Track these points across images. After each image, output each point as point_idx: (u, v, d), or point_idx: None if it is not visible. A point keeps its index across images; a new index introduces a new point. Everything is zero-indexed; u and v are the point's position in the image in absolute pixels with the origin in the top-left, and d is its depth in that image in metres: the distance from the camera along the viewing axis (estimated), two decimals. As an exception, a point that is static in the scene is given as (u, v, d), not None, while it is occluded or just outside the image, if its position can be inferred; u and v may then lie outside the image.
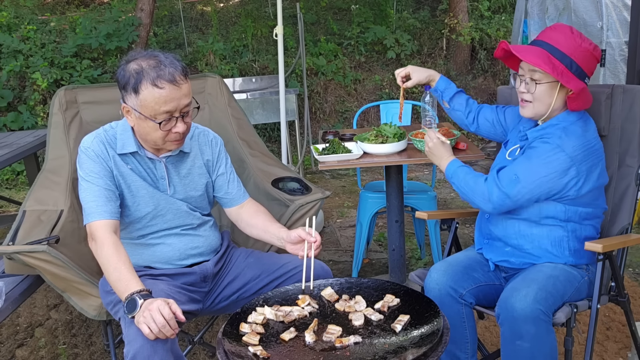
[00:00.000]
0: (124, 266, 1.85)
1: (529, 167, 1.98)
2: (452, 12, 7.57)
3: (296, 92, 5.65)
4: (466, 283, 2.07)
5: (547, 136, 2.01)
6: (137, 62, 1.91)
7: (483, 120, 2.39)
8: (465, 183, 2.09)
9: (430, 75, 2.43)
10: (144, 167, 2.09)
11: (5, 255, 2.09)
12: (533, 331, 1.87)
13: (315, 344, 1.62)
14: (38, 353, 2.94)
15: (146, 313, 1.70)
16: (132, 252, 2.11)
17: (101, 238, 1.91)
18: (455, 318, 2.06)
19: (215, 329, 2.77)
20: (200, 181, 2.18)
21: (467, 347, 2.09)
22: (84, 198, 2.00)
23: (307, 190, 2.54)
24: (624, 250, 2.20)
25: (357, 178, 3.92)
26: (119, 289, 1.83)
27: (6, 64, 6.20)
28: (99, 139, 2.05)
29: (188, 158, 2.15)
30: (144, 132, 1.98)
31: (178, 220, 2.14)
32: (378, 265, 3.72)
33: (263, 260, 2.24)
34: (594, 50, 2.00)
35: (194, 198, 2.17)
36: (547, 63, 1.94)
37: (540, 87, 1.99)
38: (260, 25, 7.68)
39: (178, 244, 2.15)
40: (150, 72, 1.87)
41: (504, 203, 2.00)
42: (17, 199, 5.14)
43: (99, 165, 2.00)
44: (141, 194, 2.07)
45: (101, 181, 1.99)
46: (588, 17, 4.76)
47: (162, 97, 1.87)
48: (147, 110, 1.90)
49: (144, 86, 1.87)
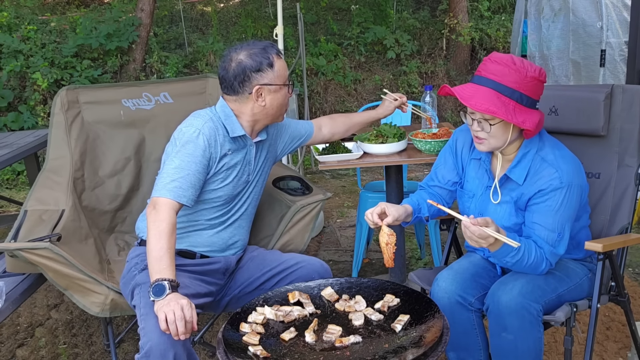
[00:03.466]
0: (170, 250, 1.88)
1: (561, 219, 1.93)
2: (452, 12, 7.57)
3: (296, 92, 5.65)
4: (474, 290, 2.07)
5: (545, 178, 1.94)
6: (252, 48, 2.10)
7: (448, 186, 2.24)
8: (522, 266, 1.94)
9: (405, 207, 2.11)
10: (240, 152, 2.16)
11: (8, 252, 2.09)
12: (517, 324, 1.89)
13: (315, 344, 1.62)
14: (38, 353, 2.94)
15: (171, 305, 1.73)
16: (179, 233, 2.12)
17: (164, 213, 1.93)
18: (466, 326, 2.06)
19: (215, 329, 2.77)
20: (269, 164, 2.34)
21: (480, 353, 2.10)
22: (170, 172, 1.99)
23: (308, 191, 2.54)
24: (623, 250, 2.20)
25: (357, 178, 3.92)
26: (154, 268, 1.84)
27: (6, 64, 6.20)
28: (211, 122, 2.10)
29: (265, 142, 2.28)
30: (277, 104, 2.15)
31: (241, 211, 2.23)
32: (378, 265, 3.72)
33: (265, 257, 2.28)
34: (539, 76, 1.90)
35: (262, 184, 2.31)
36: (498, 106, 1.85)
37: (494, 127, 1.92)
38: (260, 25, 7.69)
39: (224, 233, 2.21)
40: (269, 50, 2.11)
41: (558, 257, 2.00)
42: (18, 199, 5.14)
43: (201, 150, 2.03)
44: (228, 182, 2.14)
45: (195, 167, 2.02)
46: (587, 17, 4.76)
47: (284, 65, 2.16)
48: (281, 79, 2.13)
49: (275, 59, 2.11)
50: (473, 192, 2.14)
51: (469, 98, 1.88)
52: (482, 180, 2.11)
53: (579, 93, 2.33)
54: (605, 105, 2.22)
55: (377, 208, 2.00)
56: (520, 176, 1.99)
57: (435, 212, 2.22)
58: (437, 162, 2.29)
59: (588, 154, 2.25)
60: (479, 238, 1.76)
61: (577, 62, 4.95)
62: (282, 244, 2.41)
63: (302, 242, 2.41)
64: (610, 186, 2.24)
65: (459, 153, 2.19)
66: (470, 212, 2.14)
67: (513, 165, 2.01)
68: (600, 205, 2.25)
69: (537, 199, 1.95)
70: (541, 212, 1.94)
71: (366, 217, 2.00)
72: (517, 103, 1.88)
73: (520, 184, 1.99)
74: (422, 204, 2.18)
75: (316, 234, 4.29)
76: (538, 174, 1.96)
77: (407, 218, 2.09)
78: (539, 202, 1.95)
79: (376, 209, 1.99)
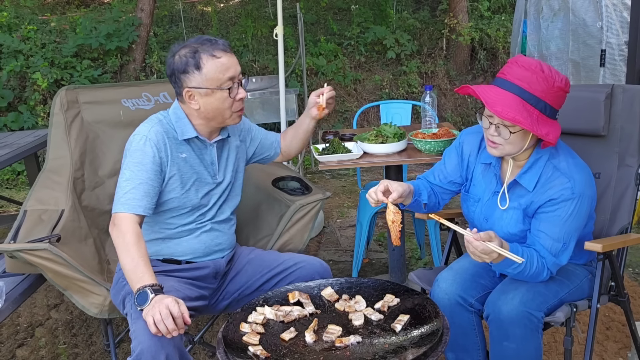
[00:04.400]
0: (142, 258, 1.86)
1: (569, 229, 1.90)
2: (452, 12, 7.57)
3: (296, 92, 5.66)
4: (474, 291, 2.06)
5: (557, 187, 1.89)
6: (188, 47, 1.99)
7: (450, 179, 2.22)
8: (522, 276, 1.92)
9: (408, 185, 2.08)
10: (197, 154, 2.10)
11: (7, 253, 2.09)
12: (519, 333, 1.89)
13: (315, 343, 1.62)
14: (38, 353, 2.94)
15: (156, 307, 1.71)
16: (158, 241, 2.12)
17: (125, 227, 1.91)
18: (466, 326, 2.06)
19: (215, 329, 2.77)
20: (241, 164, 2.25)
21: (479, 354, 2.10)
22: (122, 186, 1.98)
23: (307, 190, 2.54)
24: (623, 250, 2.20)
25: (357, 178, 3.92)
26: (132, 279, 1.83)
27: (6, 64, 6.20)
28: (158, 126, 2.05)
29: (228, 141, 2.19)
30: (212, 108, 2.01)
31: (212, 213, 2.15)
32: (378, 265, 3.72)
33: (264, 257, 2.26)
34: (565, 86, 1.85)
35: (237, 184, 2.23)
36: (524, 116, 1.79)
37: (514, 135, 1.86)
38: (260, 25, 7.68)
39: (205, 238, 2.15)
40: (205, 48, 1.98)
41: (559, 267, 1.97)
42: (18, 199, 5.14)
43: (149, 157, 1.99)
44: (188, 185, 2.08)
45: (145, 175, 1.98)
46: (587, 17, 4.76)
47: (223, 65, 1.98)
48: (214, 82, 1.98)
49: (205, 60, 1.97)
50: (479, 197, 2.10)
51: (494, 104, 1.81)
52: (490, 185, 2.06)
53: (579, 93, 2.33)
54: (606, 105, 2.22)
55: (380, 186, 1.95)
56: (530, 183, 1.94)
57: (431, 206, 2.19)
58: (441, 161, 2.24)
59: (588, 154, 2.24)
60: (482, 253, 1.74)
61: (576, 62, 4.95)
62: (281, 243, 2.41)
63: (301, 242, 2.41)
64: (610, 186, 2.24)
65: (466, 156, 2.14)
66: (475, 216, 2.11)
67: (524, 171, 1.96)
68: (600, 205, 2.25)
69: (546, 208, 1.91)
70: (549, 221, 1.90)
71: (369, 196, 1.96)
72: (541, 113, 1.83)
73: (530, 190, 1.94)
74: (422, 190, 2.14)
75: (316, 234, 4.29)
76: (550, 183, 1.91)
77: (409, 196, 2.04)
78: (549, 211, 1.90)
79: (379, 187, 1.95)
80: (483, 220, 2.09)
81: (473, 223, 2.16)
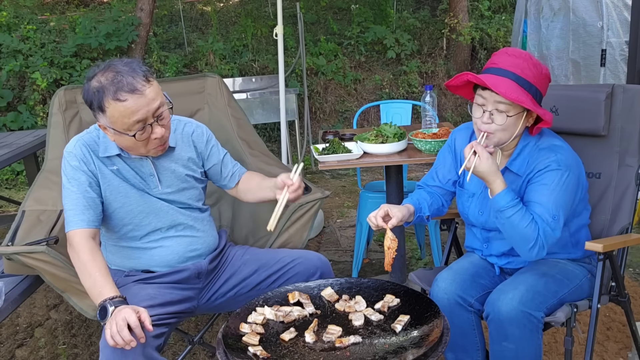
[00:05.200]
0: (98, 272, 1.84)
1: (557, 200, 1.90)
2: (452, 11, 7.56)
3: (296, 92, 5.65)
4: (474, 291, 2.06)
5: (543, 160, 1.94)
6: (96, 79, 1.86)
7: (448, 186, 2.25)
8: (514, 229, 1.90)
9: (407, 207, 2.09)
10: (130, 167, 2.05)
11: (5, 255, 2.08)
12: (518, 333, 1.89)
13: (315, 344, 1.62)
14: (38, 353, 2.94)
15: (113, 320, 1.69)
16: (129, 256, 2.11)
17: (77, 245, 1.91)
18: (465, 326, 2.06)
19: (215, 329, 2.77)
20: (189, 174, 2.15)
21: (478, 354, 2.09)
22: (64, 205, 1.99)
23: (306, 190, 2.53)
24: (624, 250, 2.19)
25: (357, 178, 3.92)
26: (93, 295, 1.83)
27: (6, 64, 6.20)
28: (81, 142, 2.02)
29: (174, 152, 2.12)
30: (126, 146, 1.96)
31: (171, 219, 2.10)
32: (378, 265, 3.72)
33: (260, 256, 2.25)
34: (549, 74, 1.98)
35: (187, 191, 2.15)
36: (525, 97, 1.87)
37: (511, 119, 1.91)
38: (260, 25, 7.68)
39: (176, 247, 2.12)
40: (109, 87, 1.82)
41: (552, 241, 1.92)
42: (17, 199, 5.13)
43: (79, 171, 1.98)
44: (129, 195, 2.04)
45: (80, 188, 1.97)
46: (588, 17, 4.76)
47: (127, 110, 1.82)
48: (119, 125, 1.86)
49: (107, 103, 1.83)
50: (473, 192, 2.14)
51: (496, 85, 1.87)
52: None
53: (579, 93, 2.33)
54: (606, 105, 2.22)
55: (380, 211, 1.96)
56: (520, 167, 2.01)
57: (436, 212, 2.21)
58: (436, 162, 2.28)
59: (588, 154, 2.24)
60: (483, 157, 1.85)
61: (576, 62, 4.94)
62: (280, 242, 2.40)
63: (300, 241, 2.41)
64: (610, 186, 2.24)
65: (459, 152, 2.19)
66: (471, 211, 2.14)
67: (513, 157, 2.03)
68: (601, 205, 2.25)
69: (534, 179, 1.96)
70: (537, 190, 1.94)
71: (369, 220, 1.96)
72: (533, 98, 1.93)
73: (521, 174, 2.01)
74: (423, 203, 2.16)
75: (316, 234, 4.28)
76: (536, 160, 1.97)
77: (409, 218, 2.07)
78: (537, 181, 1.95)
79: (379, 212, 1.95)
80: (478, 213, 2.12)
81: (468, 219, 2.19)
